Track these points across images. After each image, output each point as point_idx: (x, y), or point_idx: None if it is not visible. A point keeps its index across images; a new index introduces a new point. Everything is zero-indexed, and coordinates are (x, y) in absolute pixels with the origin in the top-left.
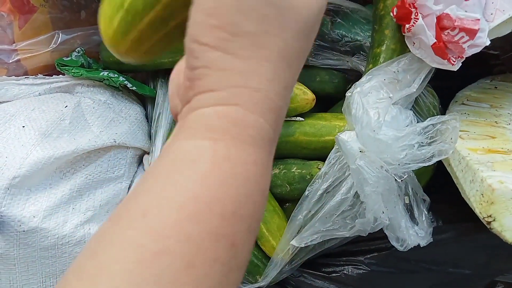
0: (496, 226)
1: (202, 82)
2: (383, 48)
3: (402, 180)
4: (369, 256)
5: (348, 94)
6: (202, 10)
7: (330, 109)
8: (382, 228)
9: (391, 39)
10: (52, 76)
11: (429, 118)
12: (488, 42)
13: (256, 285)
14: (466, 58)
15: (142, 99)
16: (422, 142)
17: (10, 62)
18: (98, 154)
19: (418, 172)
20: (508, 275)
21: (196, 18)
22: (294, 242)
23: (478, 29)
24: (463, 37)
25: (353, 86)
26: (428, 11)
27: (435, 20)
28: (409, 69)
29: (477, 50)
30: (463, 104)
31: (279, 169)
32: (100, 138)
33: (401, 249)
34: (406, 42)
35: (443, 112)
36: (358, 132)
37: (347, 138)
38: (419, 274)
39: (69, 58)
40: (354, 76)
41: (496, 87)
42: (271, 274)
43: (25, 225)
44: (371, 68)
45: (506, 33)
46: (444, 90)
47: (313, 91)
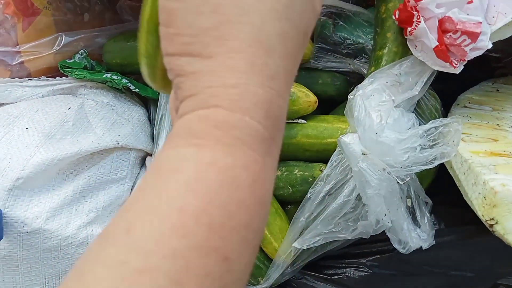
0: (498, 229)
1: (181, 90)
2: (385, 50)
3: (404, 182)
4: (371, 258)
5: (350, 96)
6: (161, 23)
7: (332, 111)
8: (384, 230)
9: (393, 42)
10: (55, 78)
11: (431, 121)
12: (490, 45)
13: (258, 287)
14: (468, 61)
15: (144, 101)
16: (424, 145)
17: (14, 64)
18: (101, 155)
19: (420, 174)
20: (510, 278)
21: (161, 33)
22: (296, 244)
23: (480, 32)
24: (465, 40)
25: (355, 89)
26: (430, 14)
27: (437, 23)
28: (411, 72)
29: (479, 53)
30: (465, 106)
31: (281, 171)
32: (103, 139)
33: (403, 251)
34: (408, 45)
35: (445, 115)
36: (361, 134)
37: (350, 140)
38: (421, 276)
39: (72, 60)
40: (356, 78)
41: (498, 90)
42: (273, 276)
43: (28, 226)
44: (373, 70)
45: (508, 36)
46: (446, 92)
47: (315, 94)
